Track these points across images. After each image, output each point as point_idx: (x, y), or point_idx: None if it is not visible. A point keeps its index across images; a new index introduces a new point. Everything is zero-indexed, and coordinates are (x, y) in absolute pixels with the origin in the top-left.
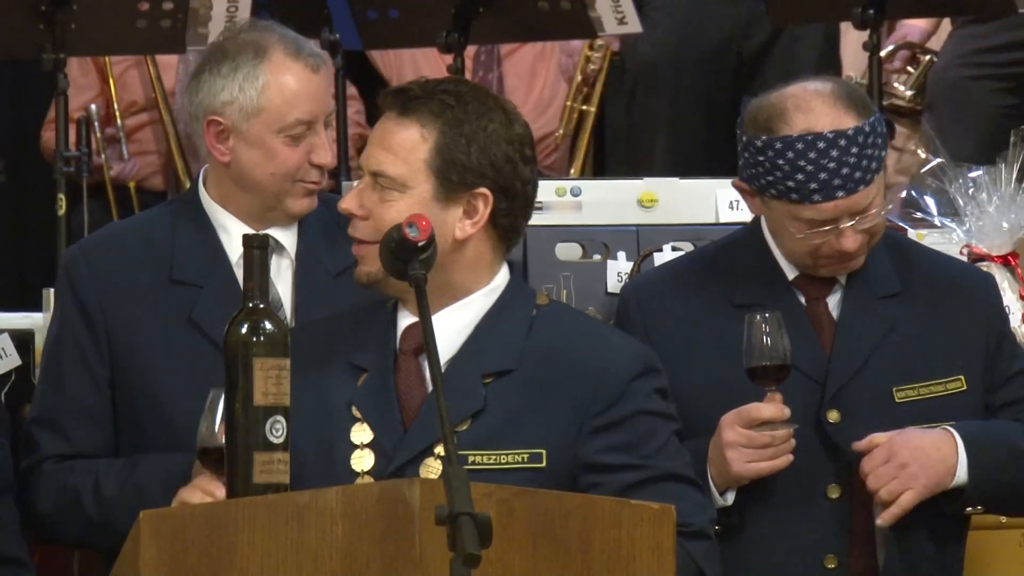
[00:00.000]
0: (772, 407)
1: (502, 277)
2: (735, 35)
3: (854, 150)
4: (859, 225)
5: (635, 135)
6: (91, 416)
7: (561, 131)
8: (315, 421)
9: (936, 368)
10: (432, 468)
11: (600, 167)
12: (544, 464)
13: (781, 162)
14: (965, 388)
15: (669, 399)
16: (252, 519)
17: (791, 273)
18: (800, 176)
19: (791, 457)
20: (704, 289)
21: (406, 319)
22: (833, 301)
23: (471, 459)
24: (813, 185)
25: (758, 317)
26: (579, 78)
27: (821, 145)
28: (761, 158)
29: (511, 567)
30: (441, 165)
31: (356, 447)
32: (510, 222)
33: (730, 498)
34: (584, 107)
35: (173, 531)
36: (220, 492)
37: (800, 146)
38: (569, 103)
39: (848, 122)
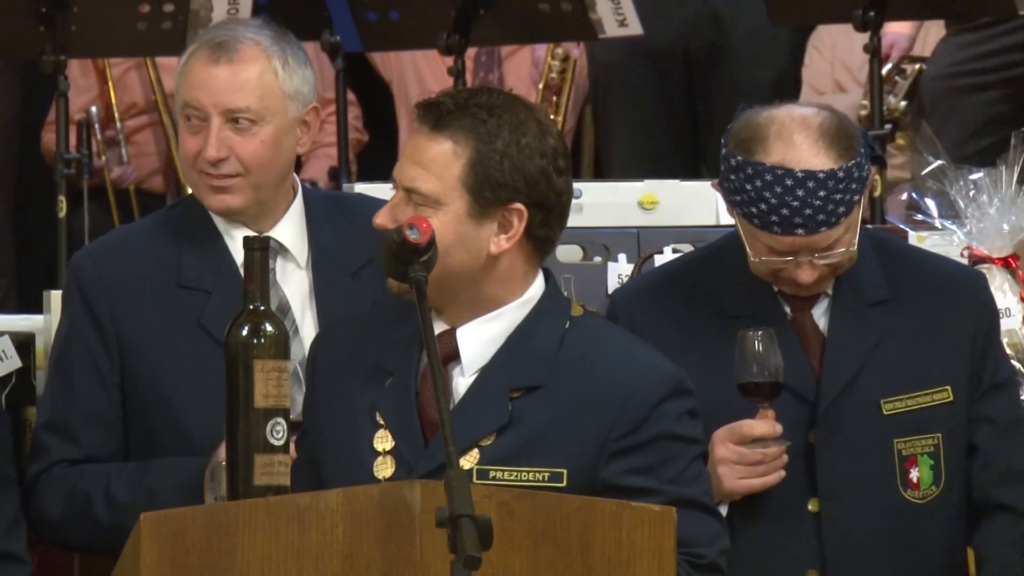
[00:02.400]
0: (764, 424)
1: (537, 287)
2: (683, 36)
3: (822, 193)
4: (818, 261)
5: (600, 139)
6: (101, 420)
7: None
8: (342, 424)
9: (924, 378)
10: None
11: (599, 170)
12: (564, 483)
13: (749, 187)
14: (952, 399)
15: (697, 420)
16: (253, 521)
17: None
18: (763, 205)
19: (783, 473)
20: (692, 296)
21: (436, 327)
22: (819, 311)
23: (492, 474)
24: (774, 217)
25: (751, 333)
26: (541, 86)
27: (789, 183)
28: (733, 176)
29: (511, 569)
30: (475, 182)
31: (379, 454)
32: (545, 233)
33: (722, 512)
34: (552, 117)
35: (174, 533)
36: None
37: (769, 177)
38: None
39: (824, 164)
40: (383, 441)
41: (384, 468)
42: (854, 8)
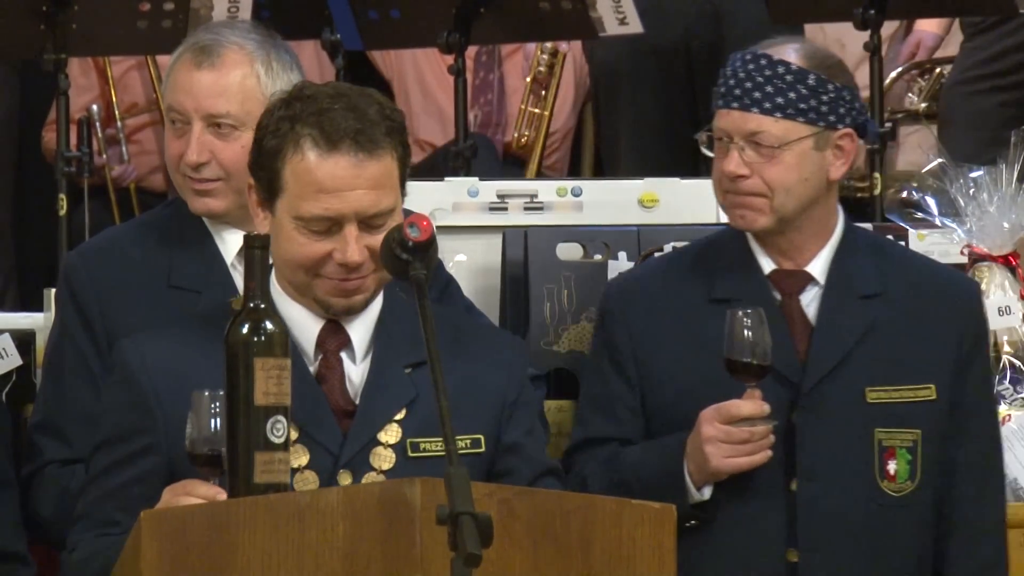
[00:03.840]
0: (751, 404)
1: None
2: (684, 34)
3: (767, 72)
4: (745, 155)
5: (601, 136)
6: (93, 421)
7: (516, 134)
8: None
9: (910, 373)
10: (383, 456)
11: (600, 168)
12: (483, 449)
13: (719, 75)
14: (935, 398)
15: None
16: (253, 519)
17: (768, 267)
18: (720, 81)
19: (770, 453)
20: (684, 285)
21: (310, 320)
22: (808, 297)
23: (422, 446)
24: (722, 89)
25: (740, 313)
26: (529, 79)
27: (747, 57)
28: (720, 72)
29: (512, 566)
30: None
31: None
32: None
33: (707, 493)
34: (536, 110)
35: (174, 531)
36: (212, 492)
37: (735, 57)
38: (523, 107)
39: (782, 55)
40: None
41: (296, 457)
42: (855, 6)
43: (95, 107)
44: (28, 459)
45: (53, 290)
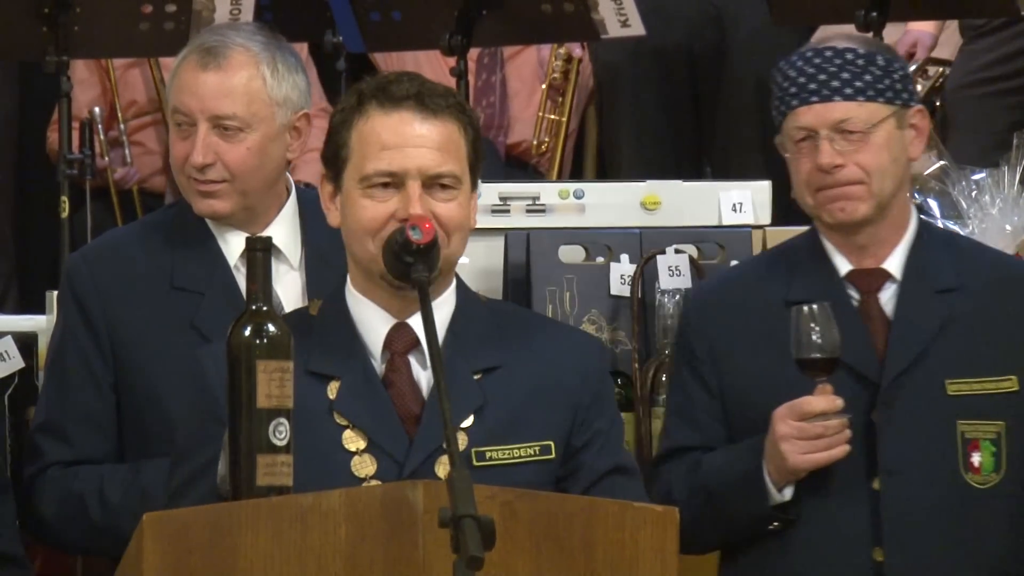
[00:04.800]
0: (823, 399)
1: None
2: (687, 36)
3: (838, 61)
4: (837, 145)
5: (603, 138)
6: (95, 422)
7: (535, 141)
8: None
9: (990, 365)
10: (447, 465)
11: (602, 170)
12: (553, 455)
13: (779, 77)
14: (1017, 389)
15: None
16: (255, 521)
17: (844, 268)
18: (787, 83)
19: (847, 447)
20: (760, 291)
21: (380, 322)
22: (886, 296)
23: (488, 455)
24: (793, 89)
25: (806, 309)
26: (545, 86)
27: (809, 54)
28: (777, 81)
29: (514, 569)
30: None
31: (353, 454)
32: None
33: (788, 493)
34: (553, 116)
35: (176, 533)
36: None
37: (794, 58)
38: (541, 113)
39: (845, 44)
40: (353, 441)
41: (364, 466)
42: (856, 8)
43: (97, 109)
44: (30, 460)
45: (55, 292)
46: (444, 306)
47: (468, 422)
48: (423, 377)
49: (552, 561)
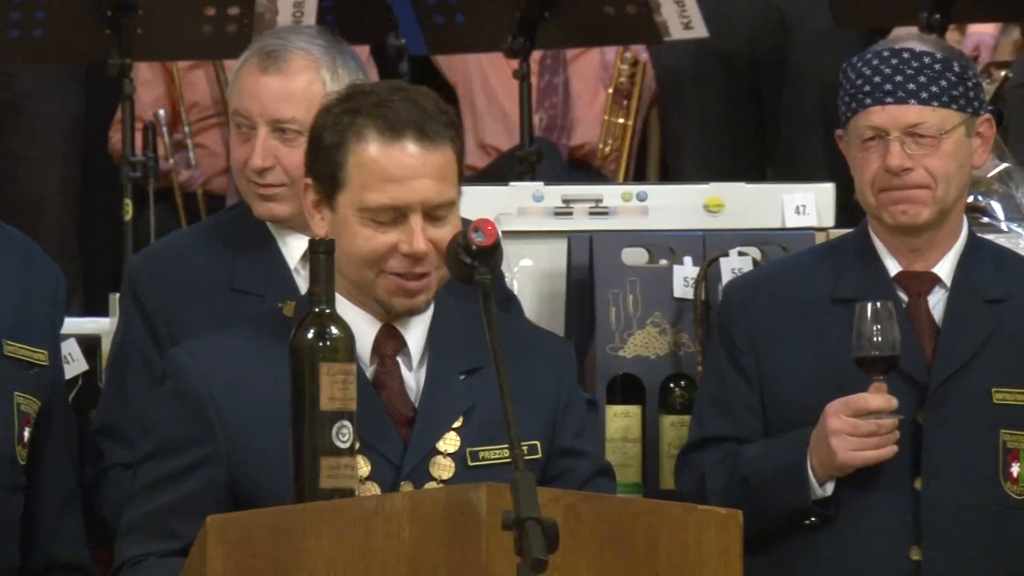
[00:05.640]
0: (880, 398)
1: None
2: (749, 39)
3: (915, 64)
4: (908, 148)
5: (666, 141)
6: None
7: (601, 144)
8: (277, 435)
9: None
10: (443, 466)
11: (665, 172)
12: (540, 455)
13: (852, 74)
14: None
15: None
16: (319, 524)
17: (894, 269)
18: (860, 81)
19: (895, 448)
20: (806, 285)
21: (366, 325)
22: (934, 299)
23: (482, 455)
24: (867, 87)
25: (869, 306)
26: (611, 91)
27: (885, 54)
28: (845, 81)
29: (578, 572)
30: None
31: None
32: None
33: (829, 488)
34: (621, 120)
35: (240, 536)
36: None
37: (868, 56)
38: (607, 117)
39: (922, 47)
40: None
41: (358, 468)
42: (919, 10)
43: (161, 111)
44: (91, 462)
45: (118, 295)
46: (430, 310)
47: (459, 422)
48: (412, 380)
49: (615, 563)
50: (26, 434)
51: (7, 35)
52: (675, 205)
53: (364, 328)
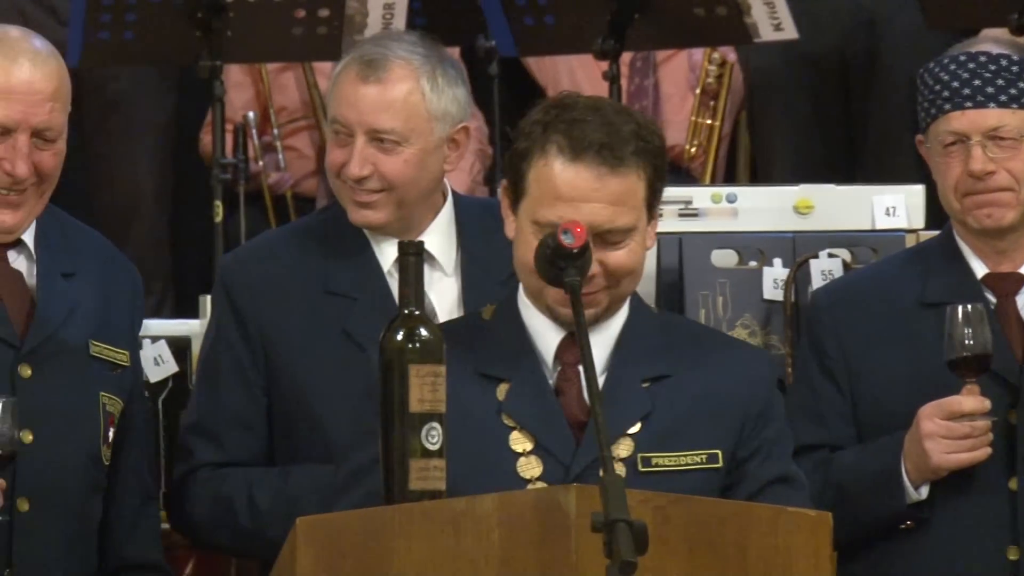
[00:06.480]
0: (973, 400)
1: None
2: (839, 40)
3: (992, 67)
4: (989, 152)
5: (756, 142)
6: (246, 424)
7: (687, 145)
8: (459, 431)
9: None
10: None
11: (755, 174)
12: (721, 464)
13: (930, 80)
14: None
15: None
16: (408, 526)
17: (980, 270)
18: (939, 87)
19: (990, 449)
20: (894, 290)
21: (551, 332)
22: (1022, 300)
23: (654, 461)
24: (946, 93)
25: (960, 309)
26: (698, 92)
27: (962, 59)
28: (925, 87)
29: (667, 574)
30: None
31: (520, 455)
32: None
33: (924, 492)
34: (709, 121)
35: (329, 538)
36: None
37: (946, 61)
38: (694, 118)
39: (998, 50)
40: (520, 442)
41: (530, 468)
42: (1011, 11)
43: (251, 114)
44: (180, 460)
45: (208, 297)
46: (617, 317)
47: (635, 428)
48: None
49: (705, 566)
50: (111, 434)
51: (98, 37)
52: (765, 207)
53: (548, 336)
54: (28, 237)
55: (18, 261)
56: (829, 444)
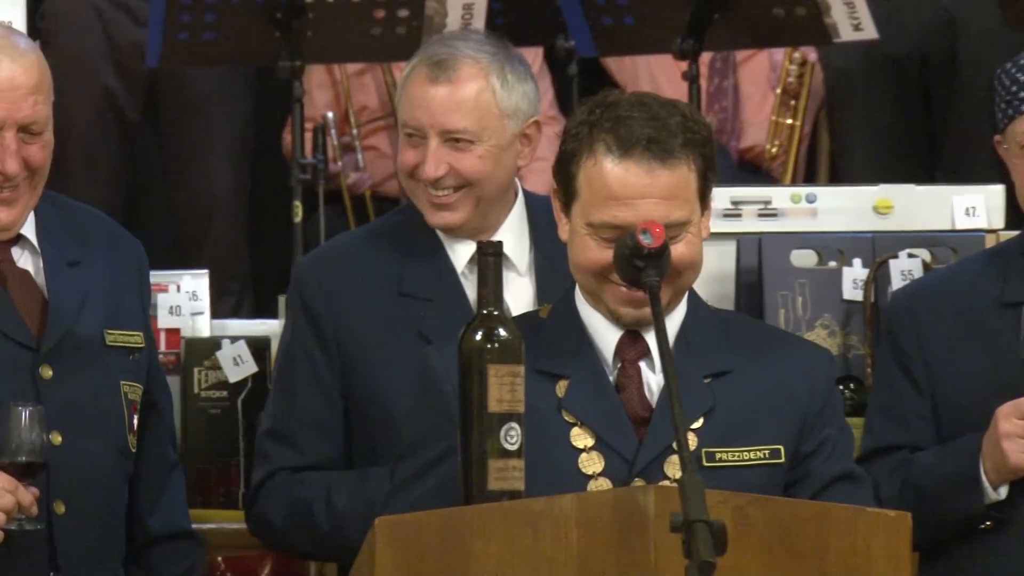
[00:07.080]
0: None
1: None
2: (919, 41)
3: None
4: None
5: (836, 143)
6: (323, 428)
7: (768, 145)
8: None
9: None
10: (677, 465)
11: (835, 174)
12: (783, 459)
13: (1007, 80)
14: None
15: None
16: (487, 526)
17: None
18: (1013, 87)
19: None
20: (973, 290)
21: (609, 329)
22: None
23: (718, 456)
24: (1022, 94)
25: None
26: (779, 91)
27: None
28: (997, 86)
29: (746, 574)
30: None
31: (581, 451)
32: None
33: (1003, 492)
34: (790, 121)
35: (409, 538)
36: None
37: (1021, 61)
38: (775, 118)
39: None
40: (581, 438)
41: (591, 464)
42: None
43: (331, 114)
44: (258, 466)
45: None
46: (676, 314)
47: (698, 423)
48: (653, 383)
49: (784, 566)
50: (135, 422)
51: (177, 38)
52: (844, 207)
53: (607, 333)
54: (29, 231)
55: (23, 258)
56: (909, 445)
